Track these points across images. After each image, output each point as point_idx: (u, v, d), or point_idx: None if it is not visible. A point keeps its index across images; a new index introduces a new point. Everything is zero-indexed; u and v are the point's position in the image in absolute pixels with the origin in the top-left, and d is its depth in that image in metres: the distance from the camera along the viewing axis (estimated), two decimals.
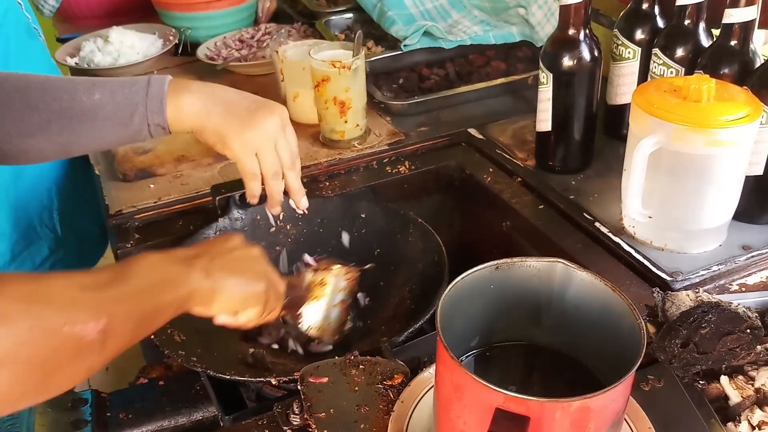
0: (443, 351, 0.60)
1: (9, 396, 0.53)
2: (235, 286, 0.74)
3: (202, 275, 0.70)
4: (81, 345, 0.57)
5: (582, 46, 1.09)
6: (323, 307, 0.95)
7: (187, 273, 0.69)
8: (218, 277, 0.72)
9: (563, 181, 1.17)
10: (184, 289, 0.69)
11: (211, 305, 0.72)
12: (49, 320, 0.55)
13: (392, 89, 1.49)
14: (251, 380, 0.87)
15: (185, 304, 0.69)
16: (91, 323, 0.57)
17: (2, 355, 0.51)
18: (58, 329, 0.55)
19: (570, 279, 0.70)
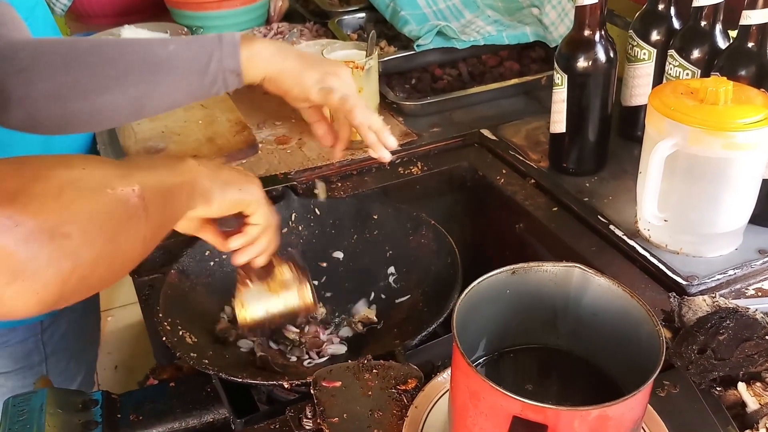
0: (459, 357, 0.60)
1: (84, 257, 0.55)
2: (229, 187, 0.78)
3: (202, 173, 0.75)
4: (128, 208, 0.60)
5: (597, 47, 1.08)
6: (265, 302, 0.94)
7: (192, 167, 0.74)
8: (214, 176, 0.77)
9: (577, 183, 1.16)
10: (190, 180, 0.73)
11: (212, 201, 0.76)
12: (90, 183, 0.57)
13: (405, 89, 1.48)
14: (264, 383, 0.87)
15: (192, 195, 0.73)
16: (128, 188, 0.60)
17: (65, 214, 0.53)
18: (102, 191, 0.58)
19: (587, 284, 0.69)
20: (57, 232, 0.52)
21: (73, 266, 0.53)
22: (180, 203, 0.72)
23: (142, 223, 0.61)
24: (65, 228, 0.53)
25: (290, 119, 1.42)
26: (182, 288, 1.01)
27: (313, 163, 1.27)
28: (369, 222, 1.14)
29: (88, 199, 0.56)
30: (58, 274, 0.52)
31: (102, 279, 0.58)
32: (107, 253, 0.58)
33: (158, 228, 0.66)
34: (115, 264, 0.60)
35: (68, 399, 0.93)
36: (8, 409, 0.91)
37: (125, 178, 0.61)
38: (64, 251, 0.52)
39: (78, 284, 0.55)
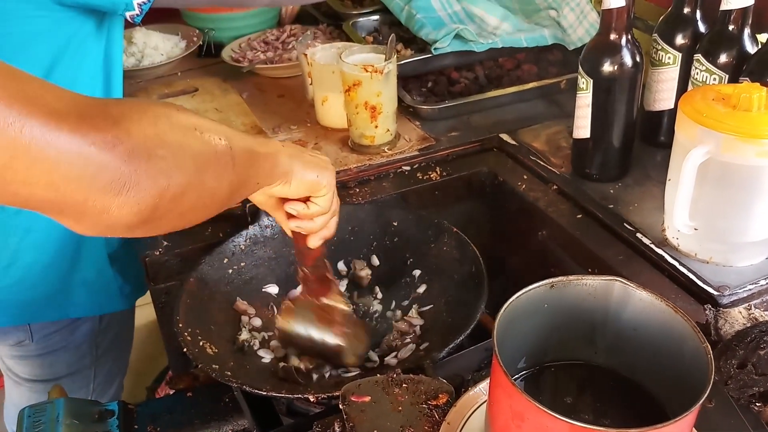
0: (502, 376, 0.57)
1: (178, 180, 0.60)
2: (308, 169, 0.81)
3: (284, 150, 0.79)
4: (217, 151, 0.65)
5: (624, 52, 1.06)
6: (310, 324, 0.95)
7: (276, 145, 0.79)
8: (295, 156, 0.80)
9: (601, 189, 1.13)
10: (274, 149, 0.77)
11: (292, 179, 0.79)
12: (183, 122, 0.63)
13: (421, 93, 1.46)
14: (289, 396, 0.85)
15: (274, 169, 0.77)
16: (216, 136, 0.66)
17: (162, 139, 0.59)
18: (192, 131, 0.63)
19: (628, 298, 0.67)
20: (153, 153, 0.58)
21: (167, 184, 0.59)
22: (264, 172, 0.76)
23: (229, 169, 0.67)
24: (160, 151, 0.59)
25: (305, 123, 1.40)
26: (201, 296, 0.99)
27: None
28: (389, 229, 1.12)
29: (180, 133, 0.62)
30: (155, 188, 0.58)
31: (192, 207, 0.64)
32: (197, 183, 0.63)
33: (244, 179, 0.71)
34: (203, 196, 0.65)
35: (84, 409, 0.91)
36: (23, 420, 0.90)
37: (214, 130, 0.66)
38: (160, 169, 0.58)
39: (171, 203, 0.60)
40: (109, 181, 0.55)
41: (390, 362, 0.95)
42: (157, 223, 0.62)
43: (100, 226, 0.59)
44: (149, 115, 0.60)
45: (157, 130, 0.59)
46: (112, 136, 0.55)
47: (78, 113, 0.54)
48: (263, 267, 1.08)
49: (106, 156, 0.55)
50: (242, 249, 1.07)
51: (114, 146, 0.55)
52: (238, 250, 1.07)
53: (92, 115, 0.55)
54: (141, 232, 0.62)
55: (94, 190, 0.55)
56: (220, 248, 1.05)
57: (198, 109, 1.42)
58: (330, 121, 1.36)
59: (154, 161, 0.58)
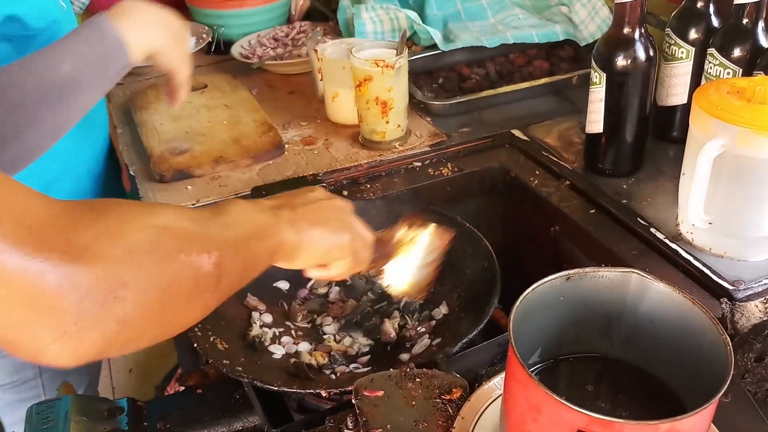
0: (519, 368, 0.57)
1: (134, 324, 0.52)
2: (319, 238, 0.73)
3: (287, 226, 0.70)
4: (198, 276, 0.57)
5: (637, 46, 1.05)
6: (411, 265, 0.91)
7: (275, 223, 0.69)
8: (302, 227, 0.71)
9: (614, 184, 1.13)
10: (273, 239, 0.68)
11: (296, 258, 0.72)
12: (166, 245, 0.55)
13: (432, 89, 1.45)
14: (301, 392, 0.84)
15: (273, 256, 0.69)
16: (205, 254, 0.57)
17: (127, 278, 0.51)
18: (175, 256, 0.55)
19: (645, 290, 0.67)
20: (111, 296, 0.50)
21: (119, 330, 0.52)
22: (261, 258, 0.67)
23: (209, 293, 0.59)
24: (121, 292, 0.51)
25: (316, 119, 1.40)
26: None
27: (341, 164, 1.24)
28: None
29: (157, 266, 0.54)
30: (102, 337, 0.51)
31: (149, 341, 0.56)
32: (160, 320, 0.55)
33: (226, 294, 0.62)
34: (166, 330, 0.57)
35: (93, 406, 0.91)
36: (32, 417, 0.89)
37: (206, 241, 0.58)
38: (114, 316, 0.51)
39: (122, 346, 0.53)
40: (50, 327, 0.48)
41: (402, 358, 0.94)
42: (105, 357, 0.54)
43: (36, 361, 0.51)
44: (125, 244, 0.52)
45: (128, 266, 0.52)
46: (65, 276, 0.48)
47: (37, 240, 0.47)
48: None
49: (54, 301, 0.48)
50: None
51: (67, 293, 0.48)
52: None
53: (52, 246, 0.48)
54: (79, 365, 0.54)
55: (29, 332, 0.48)
56: None
57: (208, 106, 1.42)
58: (340, 117, 1.36)
59: (110, 306, 0.50)
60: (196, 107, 1.42)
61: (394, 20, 1.50)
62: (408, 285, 0.92)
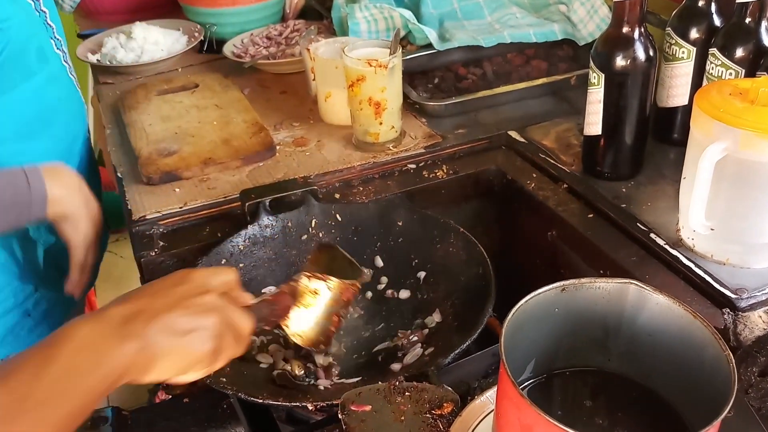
0: (510, 387, 0.54)
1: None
2: (176, 353, 0.65)
3: (137, 346, 0.61)
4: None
5: (637, 45, 1.02)
6: (313, 316, 0.86)
7: (121, 348, 0.61)
8: (157, 343, 0.63)
9: (613, 188, 1.09)
10: (118, 365, 0.60)
11: (148, 375, 0.64)
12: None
13: (428, 89, 1.42)
14: (286, 404, 0.81)
15: (121, 378, 0.61)
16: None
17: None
18: None
19: (643, 302, 0.64)
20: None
21: None
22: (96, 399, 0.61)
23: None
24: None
25: (308, 120, 1.37)
26: None
27: (334, 167, 1.21)
28: (393, 229, 1.08)
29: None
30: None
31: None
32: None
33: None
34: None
35: None
36: None
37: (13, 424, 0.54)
38: None
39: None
40: None
41: (394, 368, 0.91)
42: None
43: None
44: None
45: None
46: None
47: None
48: (263, 268, 1.05)
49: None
50: (241, 249, 1.03)
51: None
52: (236, 250, 1.03)
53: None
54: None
55: None
56: (218, 249, 1.02)
57: (198, 106, 1.39)
58: (333, 117, 1.33)
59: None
60: (186, 107, 1.39)
61: (388, 19, 1.47)
62: (306, 335, 0.87)
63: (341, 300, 0.88)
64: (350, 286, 0.87)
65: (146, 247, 1.07)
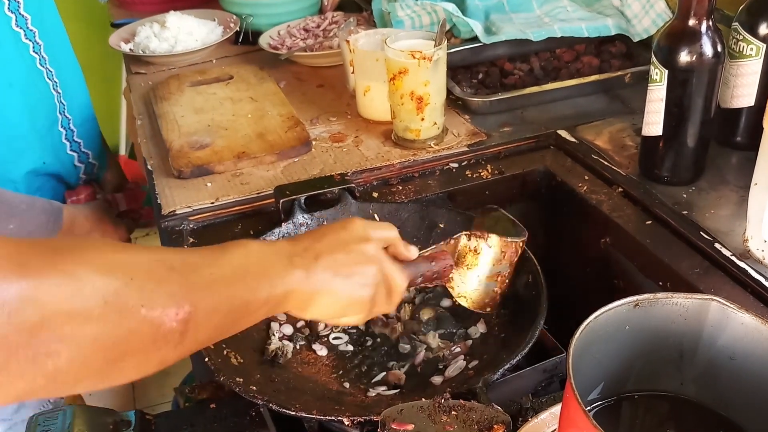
0: (580, 414, 0.47)
1: (66, 377, 0.46)
2: (337, 293, 0.67)
3: (303, 275, 0.64)
4: (158, 333, 0.51)
5: (704, 40, 0.94)
6: (475, 276, 0.85)
7: (288, 271, 0.63)
8: (321, 279, 0.65)
9: (672, 193, 1.02)
10: (282, 288, 0.62)
11: (307, 310, 0.66)
12: (127, 298, 0.48)
13: (472, 85, 1.36)
14: (321, 418, 0.75)
15: (280, 305, 0.63)
16: (172, 309, 0.51)
17: (67, 331, 0.45)
18: (135, 311, 0.49)
19: (726, 321, 0.57)
20: (43, 350, 0.44)
21: (45, 384, 0.46)
22: (253, 317, 0.61)
23: (169, 348, 0.52)
24: (55, 346, 0.45)
25: (346, 115, 1.31)
26: None
27: (372, 164, 1.15)
28: (434, 231, 1.02)
29: (108, 321, 0.47)
30: (25, 389, 0.45)
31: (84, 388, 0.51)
32: (99, 375, 0.49)
33: (195, 348, 0.56)
34: (107, 382, 0.51)
35: (98, 419, 0.84)
36: (33, 427, 0.83)
37: (178, 295, 0.52)
38: (43, 371, 0.45)
39: (47, 395, 0.48)
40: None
41: (435, 380, 0.85)
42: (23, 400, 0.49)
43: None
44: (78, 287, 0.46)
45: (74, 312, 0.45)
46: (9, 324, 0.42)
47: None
48: None
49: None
50: None
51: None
52: None
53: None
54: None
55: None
56: None
57: (232, 98, 1.33)
58: (372, 112, 1.27)
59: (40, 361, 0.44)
60: (219, 99, 1.34)
61: (432, 14, 1.41)
62: (472, 296, 0.85)
63: (504, 259, 0.85)
64: (511, 244, 0.85)
65: (176, 243, 1.02)
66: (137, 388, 2.34)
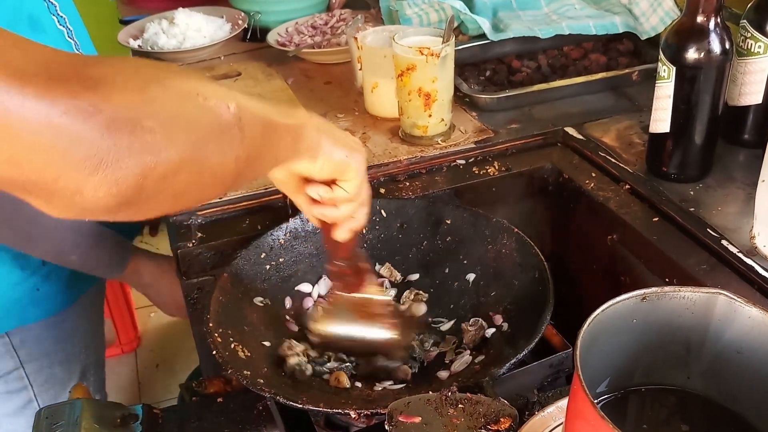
0: (588, 407, 0.47)
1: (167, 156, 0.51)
2: (337, 146, 0.74)
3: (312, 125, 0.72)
4: (221, 122, 0.56)
5: (712, 37, 0.95)
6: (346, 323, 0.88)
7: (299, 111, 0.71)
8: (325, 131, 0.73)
9: (680, 190, 1.02)
10: (300, 120, 0.69)
11: (318, 154, 0.72)
12: (181, 85, 0.54)
13: (479, 82, 1.36)
14: (328, 411, 0.75)
15: (298, 141, 0.70)
16: (223, 103, 0.56)
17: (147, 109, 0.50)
18: (193, 96, 0.54)
19: (733, 315, 0.56)
20: (139, 124, 0.49)
21: (154, 162, 0.50)
22: (284, 145, 0.68)
23: (236, 142, 0.58)
24: (147, 122, 0.49)
25: (353, 112, 1.31)
26: (235, 294, 0.91)
27: (379, 160, 1.15)
28: (441, 227, 1.02)
29: (175, 100, 0.52)
30: (139, 167, 0.49)
31: (187, 188, 0.55)
32: (193, 159, 0.54)
33: (256, 155, 0.62)
34: (203, 174, 0.56)
35: (106, 412, 0.85)
36: (41, 421, 0.83)
37: (222, 96, 0.56)
38: (145, 144, 0.49)
39: (160, 182, 0.51)
40: (82, 157, 0.46)
41: (441, 375, 0.85)
42: (145, 206, 0.53)
43: (75, 208, 0.50)
44: (138, 78, 0.51)
45: (146, 97, 0.50)
46: (88, 103, 0.46)
47: (48, 74, 0.45)
48: (303, 264, 1.00)
49: (80, 127, 0.46)
50: (281, 243, 0.98)
51: (90, 116, 0.46)
52: (276, 244, 0.98)
53: (66, 77, 0.46)
54: (124, 216, 0.53)
55: (64, 167, 0.46)
56: (258, 242, 0.97)
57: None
58: (380, 109, 1.27)
59: (139, 134, 0.49)
60: None
61: (439, 11, 1.41)
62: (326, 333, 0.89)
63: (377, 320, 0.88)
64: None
65: (183, 239, 1.02)
66: (143, 384, 2.35)
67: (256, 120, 0.61)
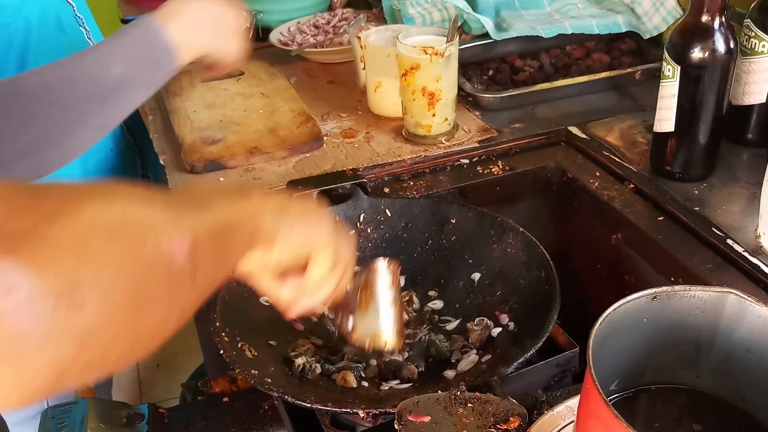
0: (601, 405, 0.48)
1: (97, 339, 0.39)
2: (298, 226, 0.66)
3: (268, 212, 0.63)
4: (171, 270, 0.45)
5: (716, 36, 0.95)
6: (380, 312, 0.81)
7: (256, 207, 0.62)
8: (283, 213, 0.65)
9: (684, 189, 1.02)
10: (252, 224, 0.61)
11: (275, 244, 0.63)
12: (129, 229, 0.43)
13: (482, 81, 1.36)
14: (336, 410, 0.75)
15: (251, 243, 0.61)
16: (177, 241, 0.46)
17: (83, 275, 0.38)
18: (142, 243, 0.43)
19: (743, 314, 0.57)
20: (65, 300, 0.37)
21: (78, 350, 0.38)
22: (238, 247, 0.60)
23: (185, 290, 0.47)
24: (78, 295, 0.37)
25: (356, 111, 1.31)
26: (241, 293, 0.90)
27: (383, 159, 1.15)
28: (446, 226, 1.02)
29: (122, 255, 0.41)
30: (55, 362, 0.37)
31: (113, 365, 0.43)
32: (129, 332, 0.43)
33: (201, 295, 0.51)
34: (136, 346, 0.45)
35: (112, 412, 0.85)
36: (47, 420, 0.84)
37: (179, 229, 0.47)
38: (71, 328, 0.37)
39: (80, 373, 0.39)
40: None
41: (448, 374, 0.85)
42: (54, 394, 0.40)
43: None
44: (77, 228, 0.39)
45: (84, 257, 0.38)
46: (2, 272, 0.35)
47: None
48: None
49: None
50: None
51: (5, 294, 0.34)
52: None
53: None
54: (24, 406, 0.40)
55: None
56: None
57: (243, 94, 1.34)
58: (383, 108, 1.27)
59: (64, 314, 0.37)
60: (231, 95, 1.34)
61: (442, 11, 1.41)
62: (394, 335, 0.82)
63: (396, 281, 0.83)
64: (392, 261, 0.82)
65: None
66: (144, 384, 2.34)
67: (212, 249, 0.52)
